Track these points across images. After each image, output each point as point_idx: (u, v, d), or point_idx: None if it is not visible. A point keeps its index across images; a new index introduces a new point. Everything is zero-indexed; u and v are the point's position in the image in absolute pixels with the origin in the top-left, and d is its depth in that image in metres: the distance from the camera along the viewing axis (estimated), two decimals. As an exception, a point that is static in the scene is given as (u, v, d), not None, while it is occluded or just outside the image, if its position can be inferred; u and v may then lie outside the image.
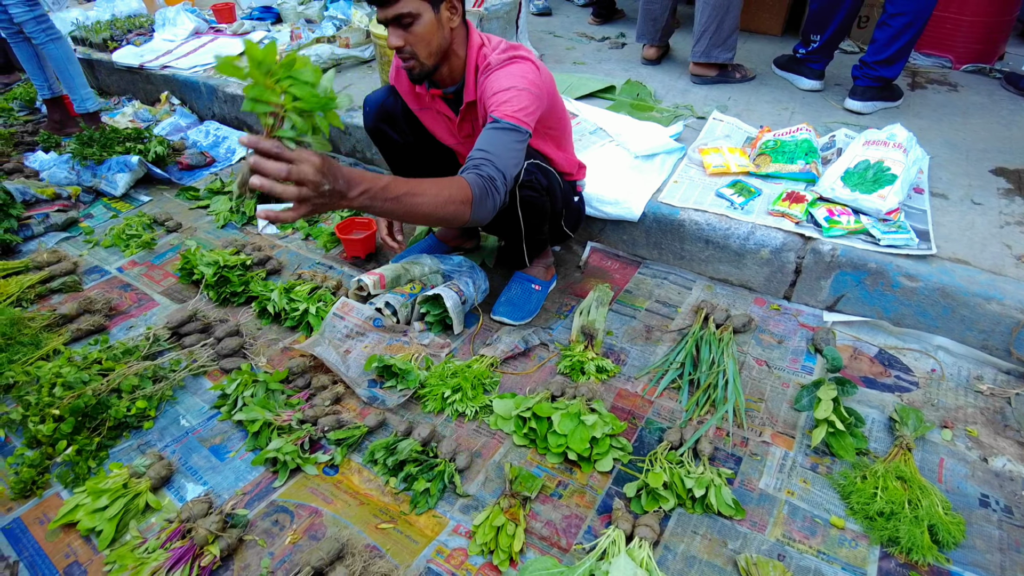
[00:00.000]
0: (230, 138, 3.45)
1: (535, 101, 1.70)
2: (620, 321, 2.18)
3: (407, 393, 1.87)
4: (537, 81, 1.74)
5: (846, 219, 2.16)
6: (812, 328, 2.14)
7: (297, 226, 2.69)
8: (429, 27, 1.68)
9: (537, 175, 1.87)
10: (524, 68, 1.74)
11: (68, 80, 3.21)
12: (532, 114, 1.69)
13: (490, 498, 1.59)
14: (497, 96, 1.69)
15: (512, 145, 1.63)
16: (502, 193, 1.58)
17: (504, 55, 1.76)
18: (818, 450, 1.71)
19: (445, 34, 1.73)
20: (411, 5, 1.63)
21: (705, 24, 3.16)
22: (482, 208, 1.54)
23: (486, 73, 1.75)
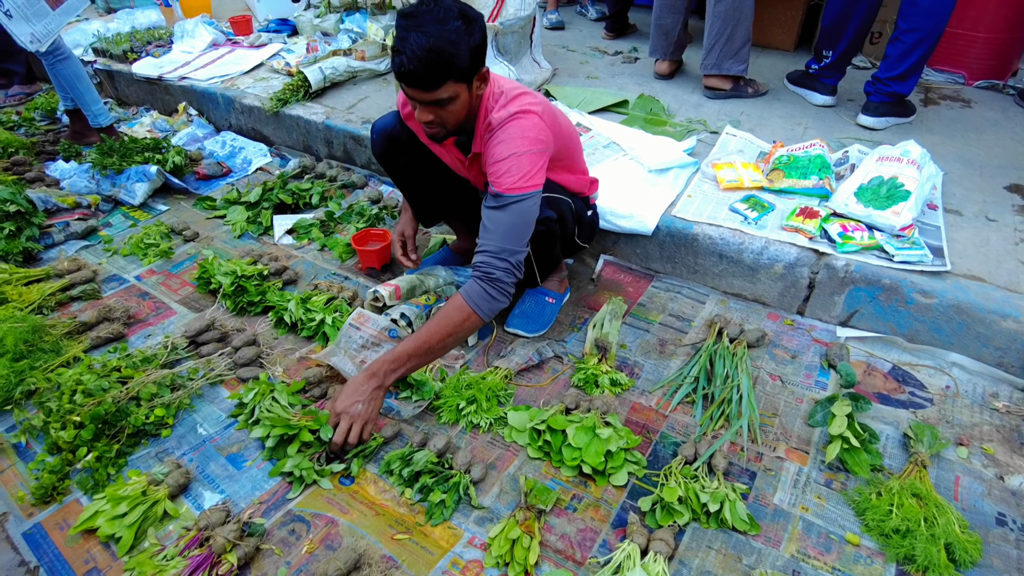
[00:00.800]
0: (246, 149, 3.49)
1: (538, 159, 1.71)
2: (634, 335, 2.19)
3: (422, 404, 1.88)
4: (540, 135, 1.72)
5: (860, 235, 2.17)
6: (826, 343, 2.14)
7: (313, 237, 2.71)
8: (463, 103, 1.67)
9: (547, 210, 1.88)
10: (525, 125, 1.70)
11: (79, 97, 3.26)
12: (536, 173, 1.70)
13: (505, 510, 1.59)
14: (497, 166, 1.69)
15: (517, 220, 1.69)
16: (515, 276, 1.72)
17: (506, 111, 1.71)
18: (832, 466, 1.71)
19: (475, 103, 1.73)
20: (449, 90, 1.59)
21: (716, 36, 3.18)
22: (493, 308, 1.72)
23: (489, 132, 1.74)
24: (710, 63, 3.27)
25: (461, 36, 1.52)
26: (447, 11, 1.52)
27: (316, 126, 3.26)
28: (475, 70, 1.62)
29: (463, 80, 1.60)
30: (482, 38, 1.59)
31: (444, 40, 1.49)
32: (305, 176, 3.18)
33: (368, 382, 1.69)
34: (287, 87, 3.41)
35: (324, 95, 3.50)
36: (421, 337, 1.70)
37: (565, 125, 1.95)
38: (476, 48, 1.57)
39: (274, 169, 3.34)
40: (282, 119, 3.39)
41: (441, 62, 1.52)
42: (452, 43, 1.50)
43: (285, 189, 2.95)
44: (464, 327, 1.71)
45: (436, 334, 1.70)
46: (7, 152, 3.35)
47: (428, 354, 1.72)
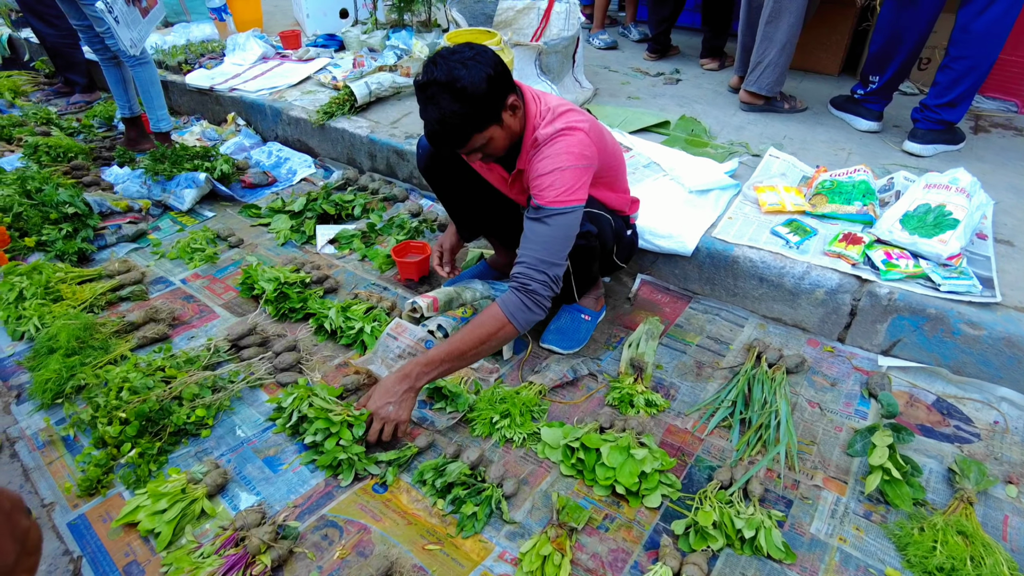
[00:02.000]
0: (292, 159, 3.57)
1: (581, 175, 1.73)
2: (670, 355, 2.17)
3: (456, 416, 1.90)
4: (584, 152, 1.74)
5: (904, 263, 2.13)
6: (867, 372, 2.10)
7: (354, 247, 2.76)
8: (501, 138, 1.75)
9: (587, 225, 1.89)
10: (570, 142, 1.73)
11: (149, 101, 3.38)
12: (579, 189, 1.73)
13: (536, 526, 1.59)
14: (541, 180, 1.72)
15: (557, 233, 1.72)
16: (552, 290, 1.73)
17: (552, 128, 1.75)
18: (872, 497, 1.67)
19: (513, 128, 1.78)
20: (480, 140, 1.70)
21: (761, 55, 3.21)
22: (529, 319, 1.73)
23: (535, 149, 1.78)
24: (751, 79, 3.30)
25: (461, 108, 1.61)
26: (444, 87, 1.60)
27: (360, 139, 3.32)
28: (496, 113, 1.68)
29: (487, 127, 1.69)
30: (488, 87, 1.63)
31: (450, 114, 1.62)
32: (348, 188, 3.24)
33: (400, 383, 1.73)
34: (333, 100, 3.49)
35: (369, 109, 3.57)
36: (455, 343, 1.73)
37: (611, 143, 1.97)
38: (481, 100, 1.63)
39: (318, 180, 3.41)
40: (327, 131, 3.47)
41: (455, 130, 1.65)
42: (455, 115, 1.62)
43: (328, 200, 3.01)
44: (498, 336, 1.74)
45: (470, 341, 1.73)
46: (67, 157, 3.48)
47: (460, 360, 1.75)
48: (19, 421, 1.93)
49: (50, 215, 2.69)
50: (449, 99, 1.61)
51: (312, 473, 1.73)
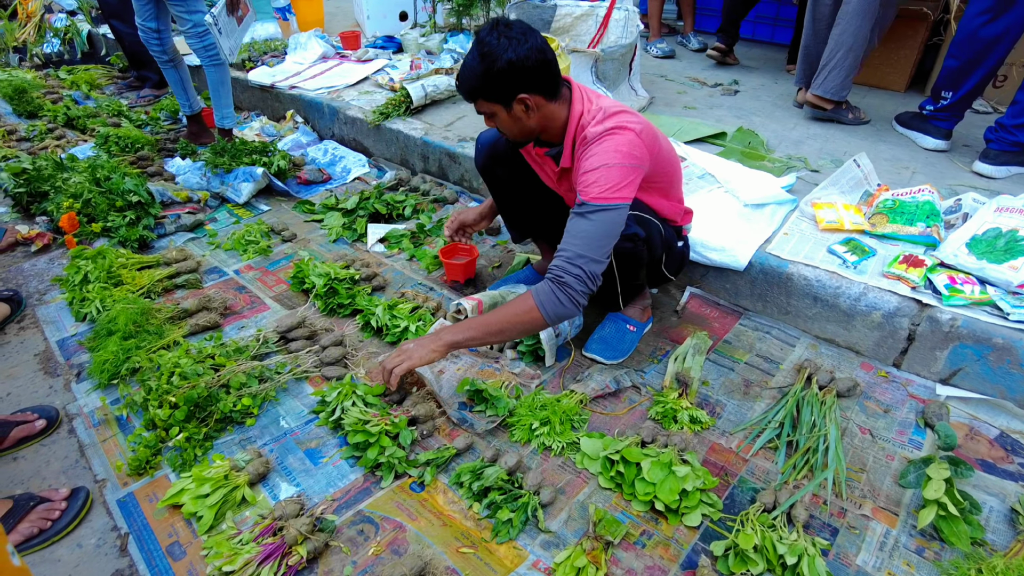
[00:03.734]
0: (346, 158, 3.64)
1: (628, 173, 1.72)
2: (717, 372, 2.13)
3: (496, 420, 1.89)
4: (634, 151, 1.73)
5: (970, 288, 2.04)
6: (923, 400, 2.01)
7: (403, 247, 2.79)
8: (505, 121, 1.81)
9: (634, 227, 1.87)
10: (620, 141, 1.72)
11: (217, 99, 3.49)
12: (625, 187, 1.71)
13: (572, 537, 1.57)
14: (587, 176, 1.72)
15: (598, 229, 1.70)
16: (587, 286, 1.72)
17: (601, 127, 1.75)
18: (925, 533, 1.59)
19: (526, 123, 1.80)
20: (485, 107, 1.79)
21: (828, 58, 3.17)
22: (558, 312, 1.73)
23: (584, 146, 1.78)
24: (817, 83, 3.27)
25: (479, 67, 1.70)
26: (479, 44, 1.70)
27: (414, 141, 3.36)
28: (502, 95, 1.74)
29: (492, 101, 1.76)
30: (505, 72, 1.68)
31: (468, 67, 1.73)
32: (400, 188, 3.28)
33: (428, 338, 1.82)
34: (390, 102, 3.54)
35: (424, 112, 3.61)
36: (485, 317, 1.82)
37: (667, 149, 1.94)
38: (495, 77, 1.69)
39: (371, 179, 3.46)
40: (382, 132, 3.52)
41: (467, 83, 1.76)
42: (473, 70, 1.72)
43: (380, 199, 3.05)
44: (525, 321, 1.76)
45: (498, 319, 1.78)
46: (135, 147, 3.62)
47: (487, 335, 1.80)
48: (78, 399, 2.00)
49: (116, 203, 2.79)
50: (475, 55, 1.70)
51: (352, 468, 1.75)
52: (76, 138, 3.94)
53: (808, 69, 3.45)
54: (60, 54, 5.61)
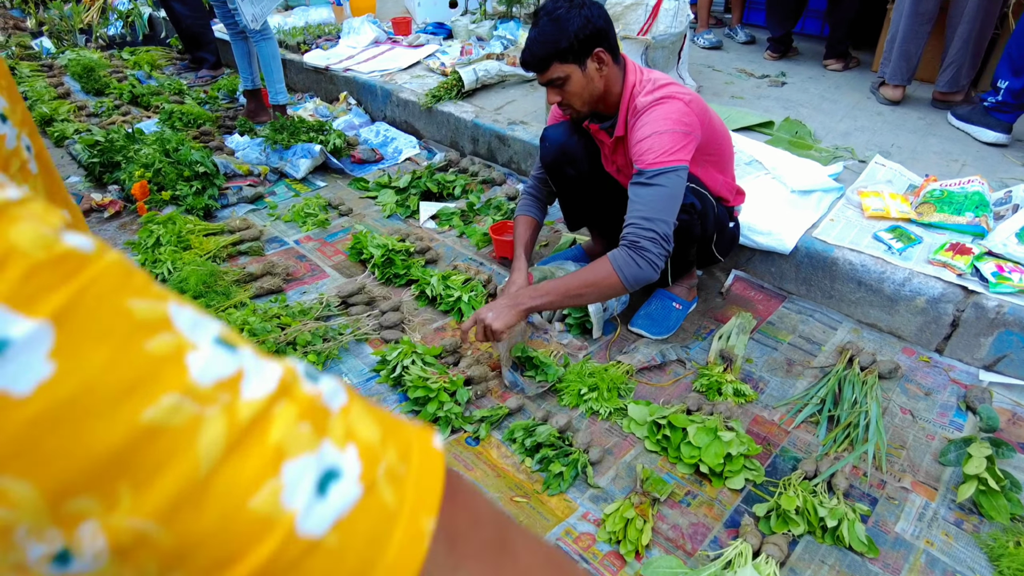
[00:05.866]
0: (398, 139, 3.75)
1: (681, 139, 1.79)
2: (760, 351, 2.18)
3: (545, 385, 1.98)
4: (684, 119, 1.81)
5: (1018, 276, 2.06)
6: (965, 385, 2.05)
7: (454, 224, 2.89)
8: (579, 84, 1.87)
9: (691, 198, 1.94)
10: (668, 109, 1.81)
11: (269, 74, 3.63)
12: (679, 150, 1.79)
13: (619, 494, 1.65)
14: (639, 145, 1.82)
15: (660, 192, 1.78)
16: (662, 247, 1.77)
17: (651, 96, 1.85)
18: (964, 506, 1.64)
19: (596, 84, 1.89)
20: (559, 71, 1.85)
21: (953, 56, 3.28)
22: (637, 276, 1.77)
23: (635, 116, 1.87)
24: (943, 81, 3.42)
25: (553, 31, 1.79)
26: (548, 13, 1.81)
27: (465, 123, 3.46)
28: (579, 53, 1.82)
29: (568, 61, 1.83)
30: (582, 28, 1.78)
31: (543, 32, 1.81)
32: (449, 169, 3.38)
33: (507, 300, 1.88)
34: (441, 85, 3.64)
35: (474, 96, 3.71)
36: (563, 280, 1.88)
37: (718, 124, 2.01)
38: (573, 35, 1.78)
39: (421, 160, 3.57)
40: (434, 114, 3.62)
41: (542, 48, 1.82)
42: (547, 35, 1.80)
43: (432, 179, 3.15)
44: (603, 285, 1.82)
45: (576, 282, 1.85)
46: (197, 123, 3.79)
47: (564, 297, 1.86)
48: (154, 351, 2.14)
49: (184, 173, 2.94)
50: (547, 21, 1.80)
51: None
52: (140, 114, 4.12)
53: (907, 65, 3.43)
54: (123, 36, 5.83)
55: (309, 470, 0.26)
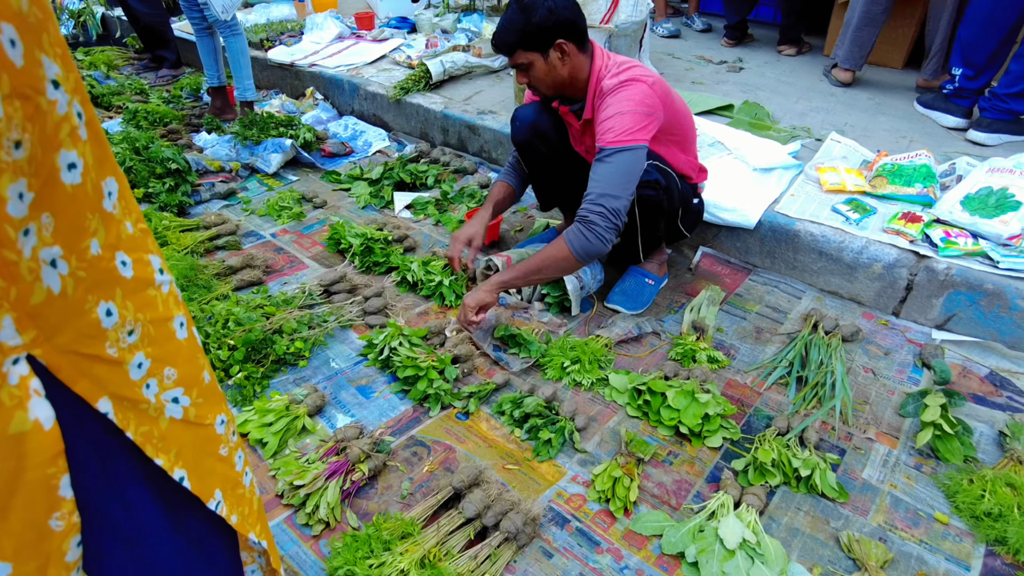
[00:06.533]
0: (367, 132, 3.78)
1: (642, 120, 1.89)
2: (730, 321, 2.29)
3: (529, 361, 2.05)
4: (646, 100, 1.90)
5: (963, 241, 2.21)
6: (920, 344, 2.18)
7: (429, 213, 2.94)
8: (542, 70, 1.98)
9: (656, 175, 2.03)
10: (631, 91, 1.91)
11: (238, 70, 3.62)
12: (639, 131, 1.88)
13: (605, 457, 1.74)
14: (602, 125, 1.92)
15: (616, 169, 1.88)
16: (611, 222, 1.87)
17: (616, 79, 1.94)
18: (923, 452, 1.77)
19: (560, 71, 1.98)
20: (523, 57, 1.96)
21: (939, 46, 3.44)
22: (587, 249, 1.90)
23: (600, 98, 1.97)
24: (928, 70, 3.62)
25: (520, 18, 1.89)
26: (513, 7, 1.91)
27: (434, 114, 3.50)
28: (541, 42, 1.92)
29: (531, 49, 1.93)
30: (545, 20, 1.88)
31: (510, 19, 1.91)
32: (421, 160, 3.42)
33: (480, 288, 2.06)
34: (409, 77, 3.68)
35: (442, 87, 3.75)
36: (525, 262, 2.05)
37: (680, 104, 2.10)
38: (536, 25, 1.88)
39: (392, 153, 3.60)
40: (403, 106, 3.66)
41: (507, 35, 1.93)
42: (514, 22, 1.90)
43: (404, 169, 3.19)
44: (559, 259, 1.96)
45: (538, 259, 2.00)
46: (163, 122, 3.76)
47: (529, 273, 2.03)
48: (138, 345, 2.15)
49: (156, 170, 2.93)
50: (515, 9, 1.90)
51: (401, 400, 1.91)
52: (102, 115, 4.06)
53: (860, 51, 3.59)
54: (75, 36, 5.71)
55: None
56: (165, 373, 0.65)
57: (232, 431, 0.74)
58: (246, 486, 0.75)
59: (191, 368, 0.68)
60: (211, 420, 0.71)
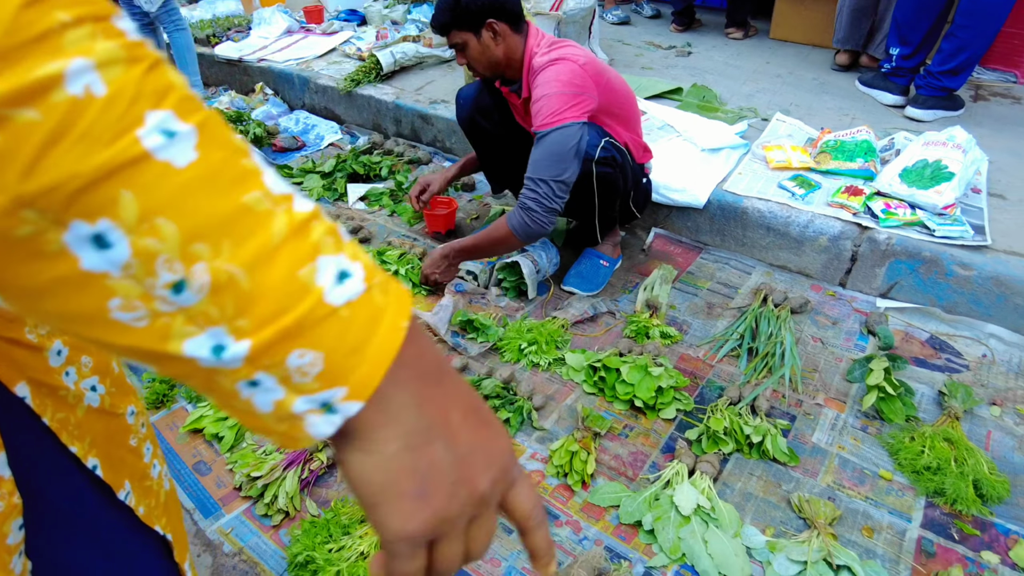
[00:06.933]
0: (319, 126, 3.73)
1: (570, 99, 1.92)
2: (682, 298, 2.34)
3: (487, 345, 2.06)
4: (574, 80, 1.94)
5: (902, 211, 2.29)
6: (866, 313, 2.26)
7: (383, 203, 2.93)
8: (476, 50, 2.03)
9: (612, 152, 2.06)
10: (560, 70, 1.94)
11: (184, 67, 3.55)
12: (568, 110, 1.92)
13: (563, 433, 1.76)
14: (533, 108, 1.96)
15: (547, 150, 1.93)
16: (544, 204, 1.95)
17: (546, 57, 1.98)
18: (868, 414, 1.83)
19: (494, 51, 2.03)
20: (457, 37, 2.03)
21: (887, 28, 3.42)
22: (528, 231, 1.98)
23: (532, 76, 2.01)
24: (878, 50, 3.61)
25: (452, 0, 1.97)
26: None
27: (386, 105, 3.48)
28: (472, 23, 1.98)
29: (464, 29, 2.00)
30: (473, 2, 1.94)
31: (443, 3, 1.99)
32: (374, 151, 3.40)
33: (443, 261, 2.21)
34: (360, 69, 3.65)
35: (393, 78, 3.73)
36: (478, 238, 2.14)
37: (618, 82, 2.14)
38: (466, 6, 1.95)
39: (344, 145, 3.57)
40: (354, 98, 3.63)
41: (443, 15, 2.00)
42: (447, 3, 1.98)
43: (357, 161, 3.17)
44: (503, 240, 2.07)
45: (486, 239, 2.12)
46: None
47: (476, 251, 2.18)
48: (86, 347, 2.10)
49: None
50: None
51: (358, 389, 1.91)
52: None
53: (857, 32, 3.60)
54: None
55: (332, 265, 0.36)
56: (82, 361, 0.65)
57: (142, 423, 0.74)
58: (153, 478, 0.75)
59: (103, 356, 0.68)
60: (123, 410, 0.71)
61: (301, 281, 0.34)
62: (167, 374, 0.35)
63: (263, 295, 0.33)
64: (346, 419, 0.37)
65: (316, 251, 0.35)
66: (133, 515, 0.73)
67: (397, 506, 0.39)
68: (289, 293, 0.34)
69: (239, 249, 0.32)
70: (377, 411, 0.38)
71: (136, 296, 0.31)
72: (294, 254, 0.34)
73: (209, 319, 0.33)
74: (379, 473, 0.39)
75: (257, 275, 0.33)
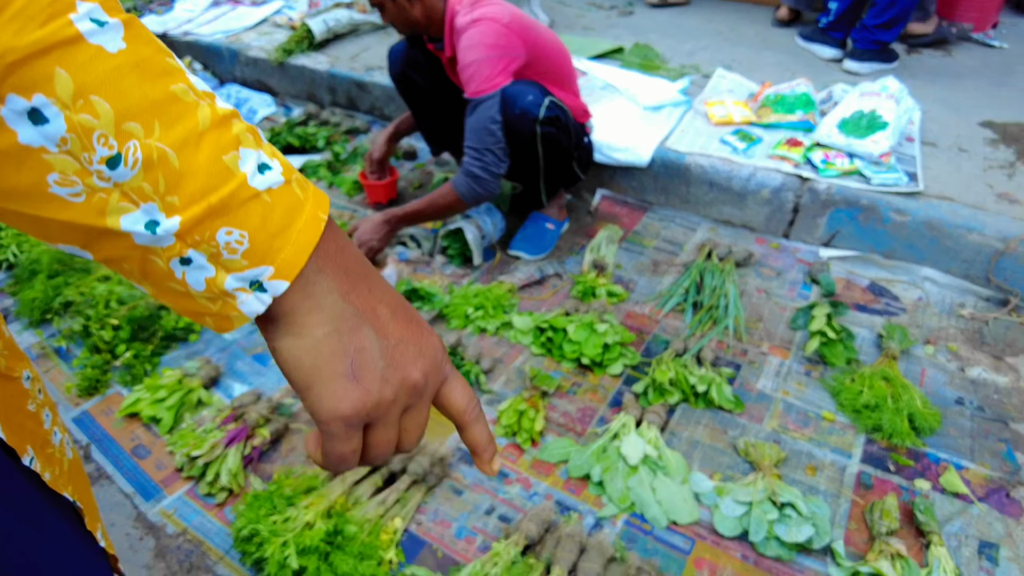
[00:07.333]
0: (252, 99, 3.59)
1: (497, 63, 1.91)
2: (629, 257, 2.33)
3: (432, 313, 2.03)
4: (499, 41, 1.92)
5: (840, 161, 2.32)
6: (809, 263, 2.29)
7: (321, 175, 2.84)
8: (392, 11, 2.04)
9: (557, 112, 2.02)
10: (483, 31, 1.91)
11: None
12: (498, 75, 1.92)
13: (512, 394, 1.75)
14: (462, 75, 1.95)
15: (482, 120, 1.94)
16: (487, 170, 1.99)
17: (468, 17, 1.95)
18: (811, 359, 1.87)
19: (411, 12, 2.01)
20: None
21: None
22: (475, 194, 2.02)
23: (456, 36, 1.99)
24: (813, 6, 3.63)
25: None
26: None
27: (321, 75, 3.37)
28: None
29: None
30: None
31: None
32: (310, 122, 3.29)
33: (383, 226, 2.13)
34: (292, 38, 3.51)
35: (327, 46, 3.60)
36: (421, 203, 2.12)
37: (549, 40, 2.11)
38: None
39: (279, 118, 3.44)
40: (287, 69, 3.49)
41: None
42: None
43: (292, 133, 3.07)
44: (450, 207, 2.10)
45: (431, 205, 2.11)
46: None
47: (421, 215, 2.14)
48: (9, 336, 1.99)
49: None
50: None
51: (301, 363, 1.85)
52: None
53: None
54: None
55: (253, 157, 0.38)
56: None
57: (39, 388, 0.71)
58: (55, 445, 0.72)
59: None
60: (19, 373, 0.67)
61: (226, 164, 0.36)
62: (104, 256, 0.36)
63: (192, 174, 0.35)
64: (274, 297, 0.39)
65: (238, 142, 0.37)
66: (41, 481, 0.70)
67: (329, 386, 0.41)
68: (215, 174, 0.36)
69: (169, 131, 0.34)
70: (304, 295, 0.40)
71: (73, 171, 0.33)
72: (219, 140, 0.36)
73: (143, 194, 0.34)
74: (309, 356, 0.41)
75: (186, 155, 0.35)
